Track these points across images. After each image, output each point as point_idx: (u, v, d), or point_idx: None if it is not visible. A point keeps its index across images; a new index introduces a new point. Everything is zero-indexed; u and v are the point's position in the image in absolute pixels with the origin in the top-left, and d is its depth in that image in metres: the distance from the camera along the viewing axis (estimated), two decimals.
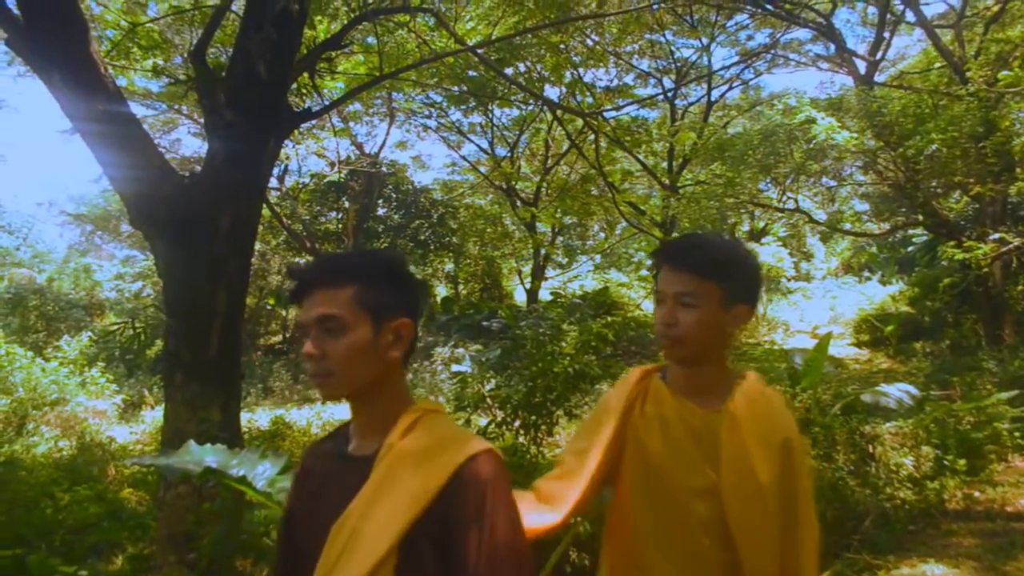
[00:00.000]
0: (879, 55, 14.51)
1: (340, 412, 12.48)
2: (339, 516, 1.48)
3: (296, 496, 1.68)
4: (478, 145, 23.59)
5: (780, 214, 19.20)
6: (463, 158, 24.87)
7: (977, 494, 6.28)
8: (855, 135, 11.05)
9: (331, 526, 1.48)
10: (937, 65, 14.97)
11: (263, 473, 2.59)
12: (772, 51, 19.69)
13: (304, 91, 8.07)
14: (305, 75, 6.85)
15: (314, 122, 18.81)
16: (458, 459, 1.46)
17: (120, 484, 8.23)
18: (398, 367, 1.60)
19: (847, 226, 17.85)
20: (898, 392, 7.87)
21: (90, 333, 16.50)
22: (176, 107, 17.94)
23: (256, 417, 11.92)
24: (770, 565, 1.79)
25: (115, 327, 18.40)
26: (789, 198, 17.34)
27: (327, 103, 8.71)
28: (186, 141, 22.48)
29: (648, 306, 20.92)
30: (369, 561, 1.40)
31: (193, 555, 3.96)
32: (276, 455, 2.69)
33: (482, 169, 24.09)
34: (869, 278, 22.33)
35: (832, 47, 16.81)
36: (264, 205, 9.85)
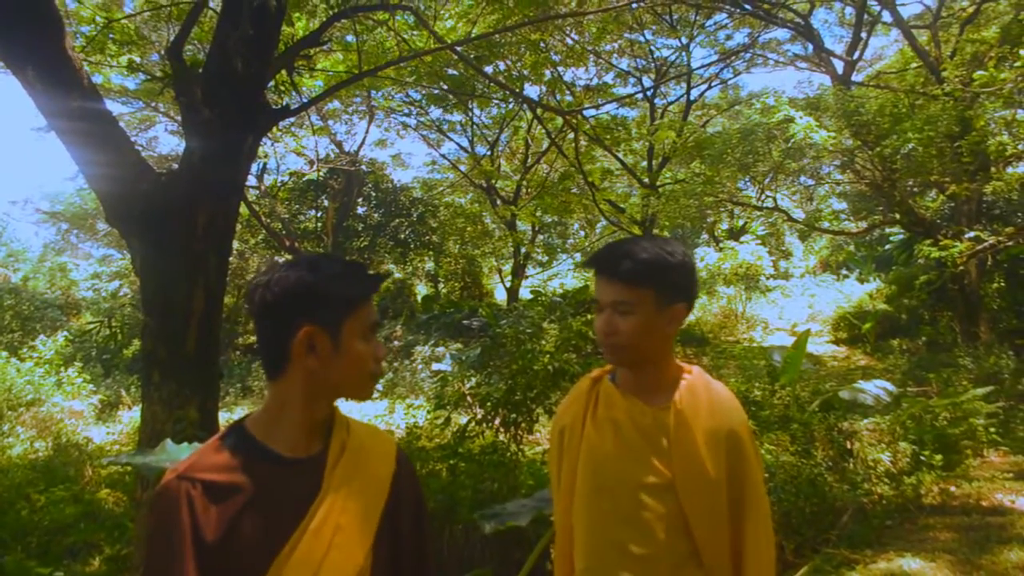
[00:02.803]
0: (856, 55, 14.61)
1: None
2: (291, 521, 1.46)
3: (207, 516, 1.46)
4: (458, 143, 23.60)
5: (759, 212, 19.32)
6: (443, 156, 24.88)
7: (953, 489, 6.35)
8: (833, 134, 11.11)
9: (278, 533, 1.45)
10: (913, 65, 15.10)
11: None
12: (751, 51, 19.79)
13: (283, 88, 8.02)
14: (283, 72, 6.81)
15: (293, 120, 18.74)
16: (395, 448, 1.69)
17: (97, 485, 8.16)
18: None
19: (825, 224, 17.92)
20: (876, 389, 7.94)
21: (66, 333, 16.34)
22: (153, 104, 17.79)
23: (234, 416, 11.84)
24: (723, 553, 1.86)
25: (92, 326, 18.26)
26: (768, 197, 17.43)
27: (306, 101, 8.66)
28: (163, 139, 22.49)
29: None
30: (362, 552, 1.51)
31: None
32: None
33: (462, 167, 24.06)
34: (847, 276, 22.44)
35: (810, 47, 16.93)
36: (243, 203, 9.79)
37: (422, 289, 25.85)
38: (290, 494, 1.50)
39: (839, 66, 14.62)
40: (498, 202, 22.61)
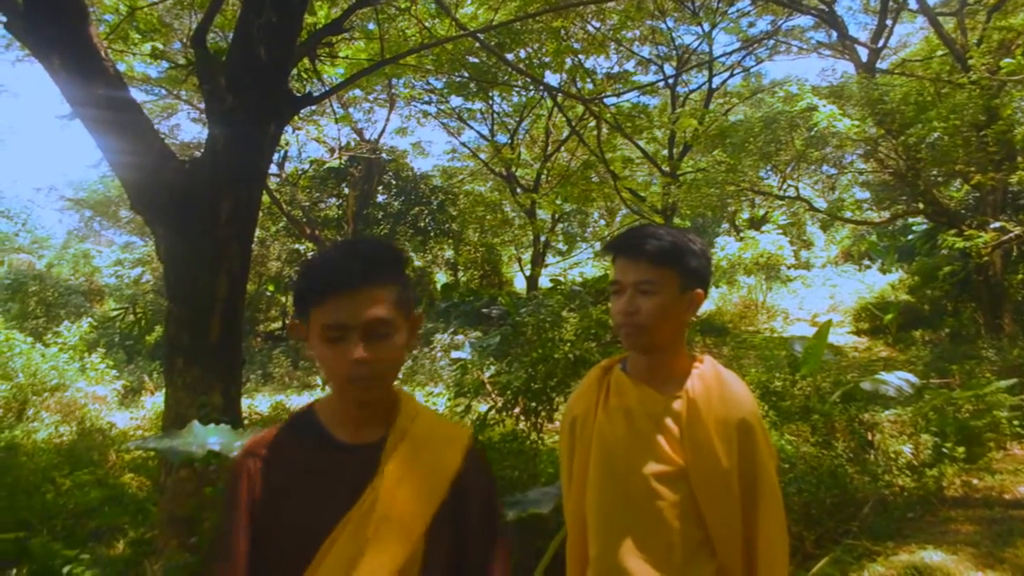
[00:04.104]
0: (881, 43, 14.46)
1: None
2: (343, 505, 1.47)
3: (264, 493, 1.55)
4: (478, 132, 23.56)
5: (780, 202, 19.20)
6: (463, 144, 24.84)
7: (976, 482, 6.29)
8: (856, 123, 11.01)
9: (331, 516, 1.46)
10: (939, 53, 14.91)
11: None
12: (773, 38, 19.63)
13: (305, 76, 8.04)
14: (306, 60, 6.83)
15: (314, 108, 18.77)
16: (465, 440, 1.60)
17: (120, 469, 8.26)
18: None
19: (847, 214, 17.79)
20: (897, 380, 7.87)
21: (90, 319, 16.50)
22: (175, 92, 17.85)
23: (256, 403, 11.94)
24: (734, 541, 1.88)
25: (115, 313, 18.44)
26: (790, 186, 17.31)
27: (327, 89, 8.68)
28: (185, 127, 22.51)
29: None
30: (407, 545, 1.46)
31: (194, 539, 3.97)
32: None
33: (482, 156, 24.03)
34: (869, 266, 22.29)
35: (834, 34, 16.77)
36: (264, 191, 9.83)
37: (441, 277, 25.88)
38: (344, 479, 1.51)
39: (863, 54, 14.47)
40: (518, 190, 22.58)
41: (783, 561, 1.89)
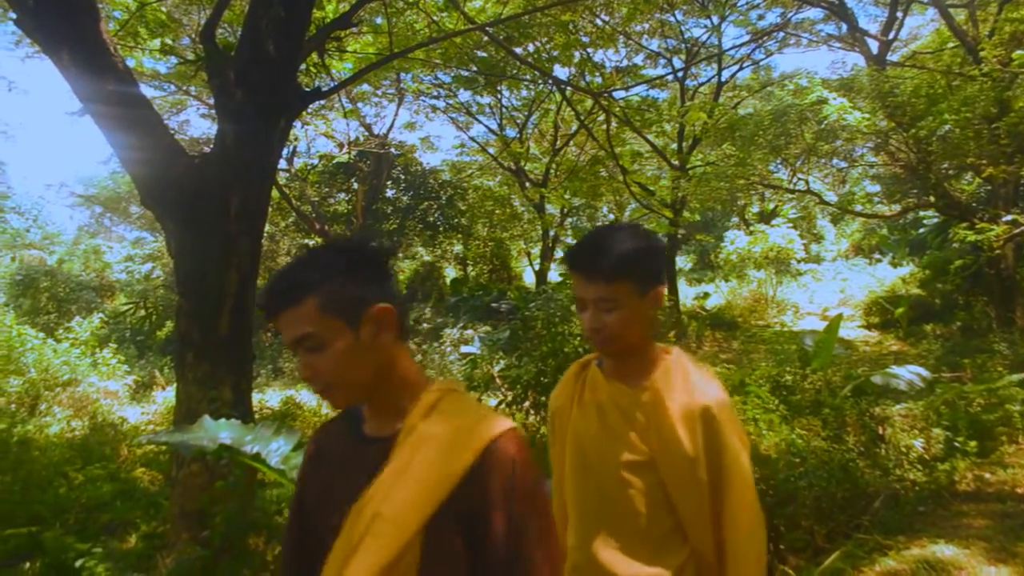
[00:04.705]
0: (892, 35, 14.39)
1: None
2: (355, 498, 1.48)
3: (309, 477, 1.67)
4: (487, 126, 23.51)
5: (790, 195, 19.15)
6: (472, 139, 24.82)
7: (988, 476, 6.26)
8: (867, 116, 10.97)
9: (346, 508, 1.47)
10: (950, 45, 14.84)
11: (277, 450, 2.61)
12: (783, 31, 19.52)
13: (313, 71, 8.04)
14: (314, 55, 6.82)
15: (323, 103, 18.79)
16: (483, 440, 1.45)
17: (132, 464, 8.30)
18: (396, 349, 1.58)
19: (858, 207, 17.75)
20: (909, 374, 7.83)
21: (101, 315, 16.57)
22: (184, 88, 17.91)
23: (267, 398, 11.97)
24: (704, 527, 1.93)
25: (126, 308, 18.51)
26: (800, 179, 17.27)
27: (336, 83, 8.68)
28: (195, 122, 22.54)
29: None
30: (395, 545, 1.40)
31: (206, 533, 3.98)
32: (289, 432, 2.71)
33: (491, 150, 24.00)
34: (880, 260, 22.23)
35: (844, 27, 16.66)
36: (273, 186, 9.85)
37: (450, 272, 25.90)
38: (361, 471, 1.51)
39: (874, 46, 14.43)
40: (527, 185, 22.55)
41: (750, 544, 1.93)
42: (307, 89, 6.09)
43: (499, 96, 21.44)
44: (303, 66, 7.08)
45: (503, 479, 1.43)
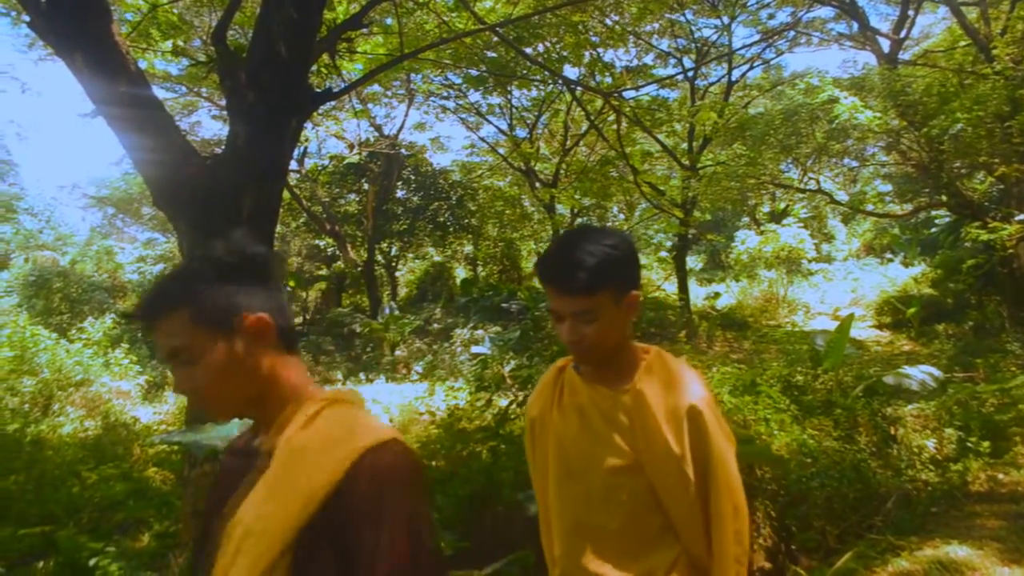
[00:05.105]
0: (903, 33, 14.34)
1: (363, 392, 12.54)
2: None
3: (212, 493, 1.60)
4: (497, 126, 23.54)
5: (801, 195, 19.10)
6: (482, 139, 24.85)
7: (1001, 476, 6.23)
8: (878, 115, 10.94)
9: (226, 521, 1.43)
10: (962, 43, 14.76)
11: None
12: (794, 30, 19.48)
13: (324, 72, 8.07)
14: (325, 56, 6.84)
15: (333, 104, 18.84)
16: (355, 452, 1.35)
17: (144, 463, 8.34)
18: (277, 361, 1.50)
19: (869, 207, 17.71)
20: (921, 374, 7.80)
21: (113, 315, 16.64)
22: (196, 90, 18.00)
23: None
24: (695, 526, 1.90)
25: None
26: (811, 179, 17.22)
27: (346, 84, 8.71)
28: (206, 123, 22.61)
29: (670, 288, 20.87)
30: (263, 561, 1.32)
31: None
32: None
33: (501, 150, 24.02)
34: (891, 260, 22.14)
35: (855, 26, 16.61)
36: (284, 187, 9.88)
37: (461, 272, 25.93)
38: (248, 485, 1.44)
39: (885, 45, 14.38)
40: (537, 185, 22.56)
41: (730, 542, 1.88)
42: (318, 90, 6.11)
43: (509, 96, 21.45)
44: (313, 67, 7.10)
45: (373, 493, 1.33)
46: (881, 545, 4.75)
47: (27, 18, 4.80)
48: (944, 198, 12.66)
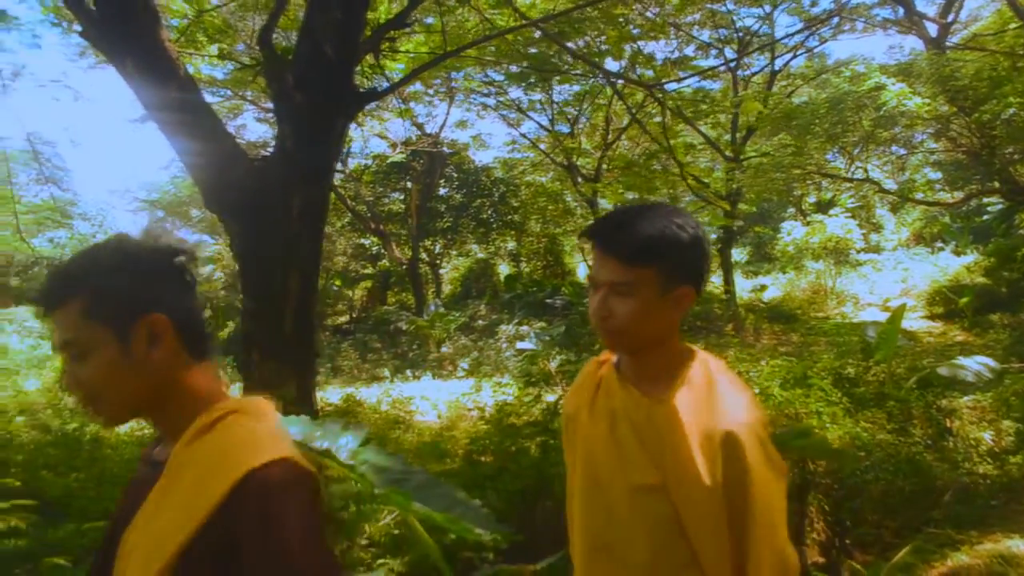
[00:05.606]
0: (951, 17, 14.06)
1: (410, 389, 12.66)
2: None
3: (118, 504, 1.50)
4: (538, 122, 23.52)
5: (848, 184, 18.82)
6: (522, 136, 24.86)
7: None
8: (927, 101, 10.75)
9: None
10: (1013, 26, 14.41)
11: (345, 445, 2.65)
12: (838, 16, 19.17)
13: (367, 72, 8.14)
14: (369, 56, 6.91)
15: (376, 103, 18.98)
16: (243, 468, 1.25)
17: None
18: (178, 365, 1.38)
19: (919, 195, 17.41)
20: (976, 365, 7.65)
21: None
22: (240, 93, 18.24)
23: (326, 395, 12.15)
24: (724, 563, 1.64)
25: None
26: (858, 167, 16.95)
27: (390, 84, 8.78)
28: (251, 127, 22.89)
29: (716, 280, 20.72)
30: None
31: None
32: (356, 427, 2.74)
33: (542, 146, 24.00)
34: (942, 249, 21.71)
35: (901, 10, 16.31)
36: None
37: (504, 269, 25.99)
38: (143, 498, 1.37)
39: (932, 29, 14.10)
40: (579, 180, 22.51)
41: None
42: (362, 90, 6.17)
43: (550, 92, 21.43)
44: (357, 67, 7.17)
45: (258, 512, 1.22)
46: (940, 539, 4.68)
47: (79, 28, 4.91)
48: (996, 184, 12.41)
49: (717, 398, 1.68)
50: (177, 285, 1.40)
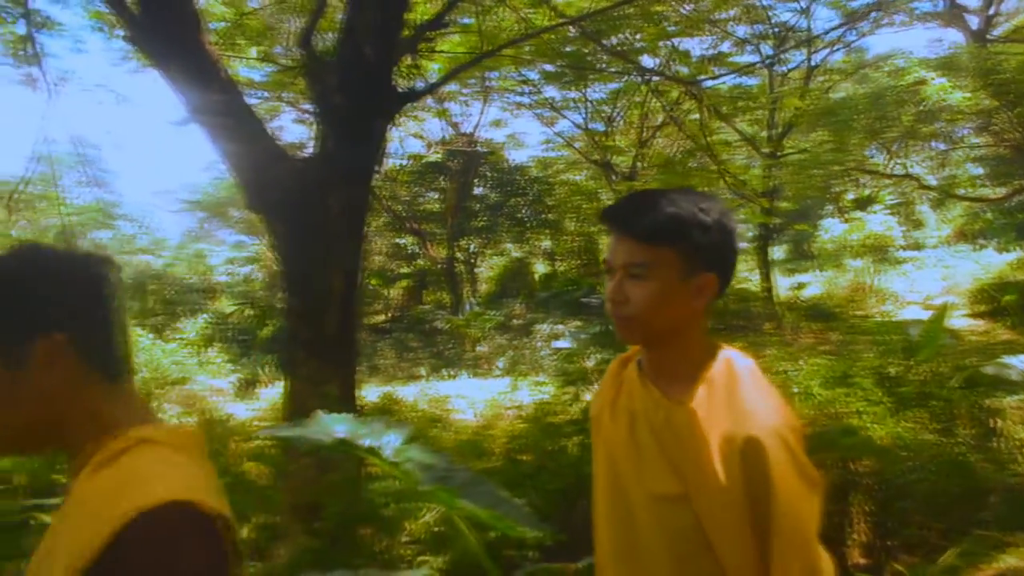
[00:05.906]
0: (992, 9, 13.81)
1: (445, 388, 12.72)
2: None
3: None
4: (572, 121, 23.48)
5: (889, 180, 18.57)
6: (557, 135, 24.83)
7: None
8: (969, 95, 10.59)
9: None
10: None
11: (389, 443, 2.67)
12: (877, 10, 18.91)
13: (405, 73, 8.20)
14: (407, 57, 6.95)
15: (413, 104, 19.08)
16: (131, 511, 1.09)
17: (240, 458, 8.60)
18: (79, 387, 1.23)
19: (961, 191, 17.13)
20: (1022, 364, 7.53)
21: (206, 315, 17.22)
22: (279, 95, 18.42)
23: (365, 394, 12.24)
24: (750, 574, 1.53)
25: (232, 309, 19.21)
26: (898, 163, 16.74)
27: (428, 84, 8.83)
28: (289, 128, 23.07)
29: (755, 278, 20.56)
30: None
31: (318, 524, 4.13)
32: (400, 426, 2.77)
33: (577, 145, 23.96)
34: (985, 246, 21.32)
35: (941, 3, 16.08)
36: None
37: (540, 268, 26.00)
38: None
39: (974, 22, 13.89)
40: (614, 178, 22.44)
41: None
42: (401, 91, 6.21)
43: (584, 90, 21.38)
44: (395, 68, 7.22)
45: (141, 562, 1.08)
46: (990, 541, 4.61)
47: (123, 33, 5.00)
48: None
49: (739, 400, 1.56)
50: (86, 301, 1.25)
